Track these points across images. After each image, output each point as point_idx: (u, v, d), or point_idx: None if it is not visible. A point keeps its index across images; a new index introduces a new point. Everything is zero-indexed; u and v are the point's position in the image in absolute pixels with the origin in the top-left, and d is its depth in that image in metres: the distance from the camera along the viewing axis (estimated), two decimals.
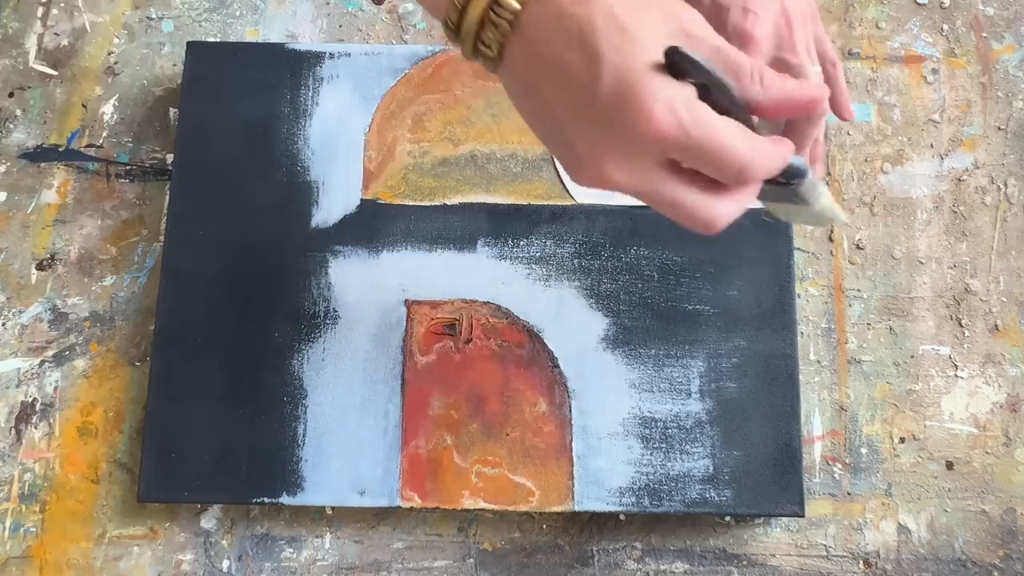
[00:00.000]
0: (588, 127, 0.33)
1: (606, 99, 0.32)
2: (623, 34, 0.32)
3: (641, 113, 0.31)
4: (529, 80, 0.34)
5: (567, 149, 0.34)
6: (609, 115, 0.32)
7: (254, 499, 0.49)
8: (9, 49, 0.59)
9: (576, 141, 0.33)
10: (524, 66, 0.34)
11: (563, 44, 0.32)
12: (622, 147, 0.32)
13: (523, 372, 0.51)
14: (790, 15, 0.49)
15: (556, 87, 0.33)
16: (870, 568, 0.50)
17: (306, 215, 0.53)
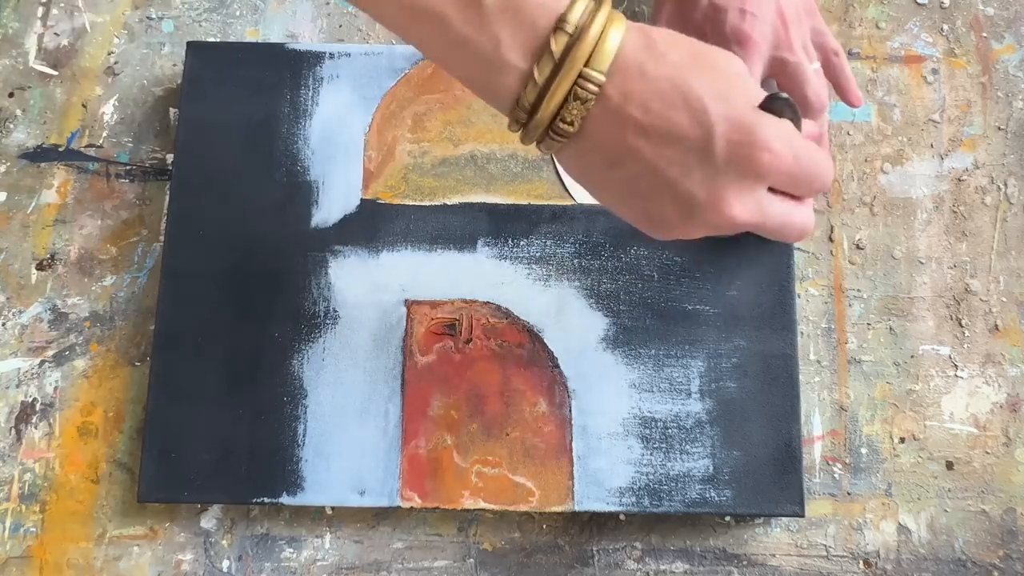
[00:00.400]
0: (707, 175, 0.34)
1: (726, 145, 0.34)
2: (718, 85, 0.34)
3: (764, 149, 0.34)
4: (618, 149, 0.35)
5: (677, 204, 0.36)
6: (731, 158, 0.34)
7: (254, 499, 0.49)
8: (9, 49, 0.59)
9: (694, 192, 0.35)
10: (612, 135, 0.35)
11: (663, 105, 0.34)
12: (743, 185, 0.35)
13: (523, 372, 0.51)
14: (785, 14, 0.49)
15: (662, 147, 0.34)
16: (870, 568, 0.50)
17: (306, 215, 0.53)
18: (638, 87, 0.34)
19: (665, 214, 0.36)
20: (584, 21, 0.33)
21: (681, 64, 0.34)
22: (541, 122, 0.35)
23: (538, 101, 0.34)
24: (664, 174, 0.35)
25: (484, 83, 0.36)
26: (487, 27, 0.34)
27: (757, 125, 0.34)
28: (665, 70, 0.34)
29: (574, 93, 0.34)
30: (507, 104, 0.35)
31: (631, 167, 0.35)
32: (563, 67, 0.33)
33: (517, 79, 0.34)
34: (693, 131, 0.34)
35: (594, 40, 0.33)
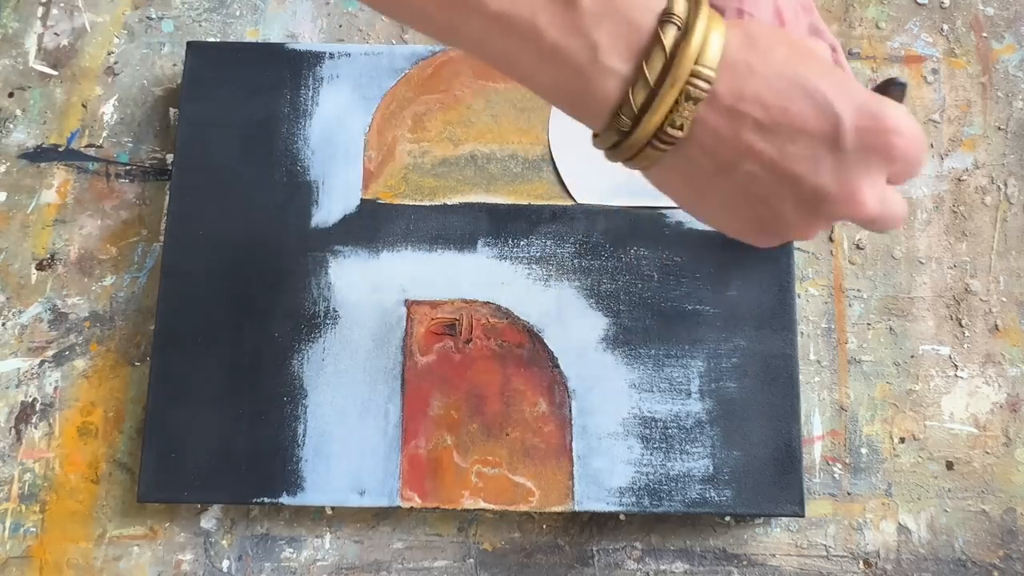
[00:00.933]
0: (838, 166, 0.33)
1: (856, 133, 0.33)
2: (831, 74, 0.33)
3: (896, 134, 0.33)
4: (733, 151, 0.33)
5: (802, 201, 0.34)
6: (862, 145, 0.33)
7: (254, 499, 0.49)
8: (9, 49, 0.59)
9: (824, 184, 0.33)
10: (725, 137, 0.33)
11: (782, 100, 0.32)
12: (873, 173, 0.34)
13: (523, 372, 0.51)
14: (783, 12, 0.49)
15: (785, 143, 0.33)
16: (870, 568, 0.50)
17: (306, 215, 0.53)
18: (751, 84, 0.32)
19: (785, 215, 0.34)
20: (688, 13, 0.32)
21: (788, 59, 0.33)
22: (648, 129, 0.32)
23: (646, 104, 0.32)
24: (788, 171, 0.33)
25: (578, 95, 0.33)
26: (583, 32, 0.32)
27: (883, 110, 0.33)
28: (776, 66, 0.32)
29: (686, 92, 0.32)
30: (605, 115, 0.33)
31: (747, 168, 0.33)
32: (675, 63, 0.31)
33: (618, 85, 0.32)
34: (819, 122, 0.32)
35: (703, 33, 0.32)
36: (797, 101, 0.32)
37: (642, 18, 0.32)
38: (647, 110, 0.32)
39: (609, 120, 0.33)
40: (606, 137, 0.34)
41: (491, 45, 0.33)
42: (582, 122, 0.34)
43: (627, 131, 0.33)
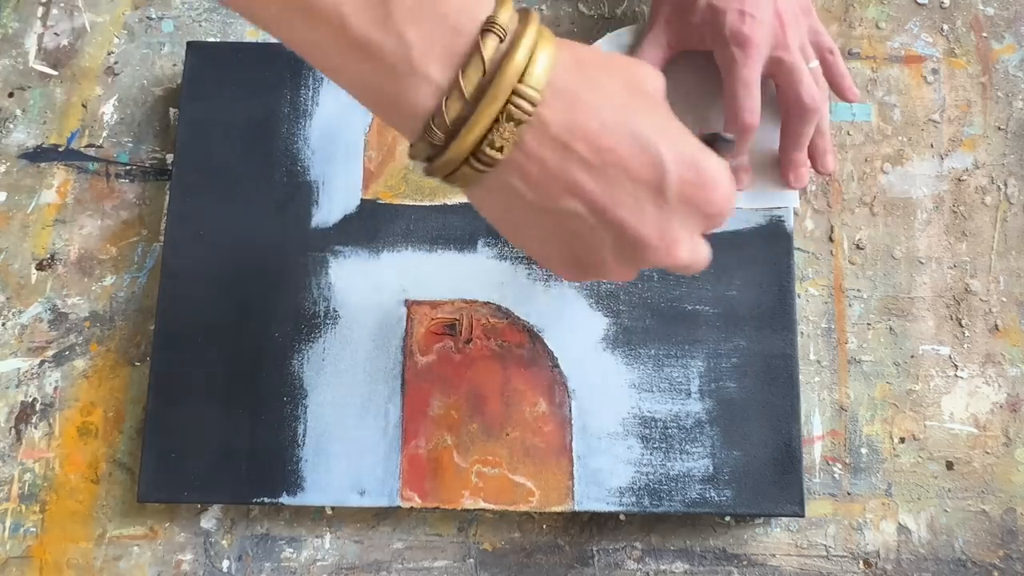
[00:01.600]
0: (660, 217, 0.32)
1: (679, 185, 0.32)
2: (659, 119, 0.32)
3: (715, 188, 0.32)
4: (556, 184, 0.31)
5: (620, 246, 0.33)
6: (683, 198, 0.32)
7: (254, 499, 0.49)
8: (9, 49, 0.59)
9: (645, 234, 0.32)
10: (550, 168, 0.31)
11: (612, 141, 0.31)
12: (691, 226, 0.33)
13: (523, 372, 0.51)
14: (783, 15, 0.49)
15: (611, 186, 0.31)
16: (870, 568, 0.50)
17: (306, 215, 0.53)
18: (581, 116, 0.30)
19: (603, 256, 0.33)
20: (514, 28, 0.29)
21: (618, 94, 0.31)
22: (463, 146, 0.30)
23: (462, 119, 0.29)
24: (613, 216, 0.32)
25: (388, 97, 0.30)
26: (395, 28, 0.28)
27: (706, 163, 0.32)
28: (607, 100, 0.31)
29: (507, 112, 0.29)
30: (417, 124, 0.30)
31: (571, 205, 0.31)
32: (496, 78, 0.29)
33: (432, 93, 0.29)
34: (645, 170, 0.31)
35: (528, 50, 0.29)
36: (625, 144, 0.31)
37: (463, 23, 0.29)
38: (463, 124, 0.29)
39: (422, 131, 0.30)
40: (419, 149, 0.31)
41: (293, 32, 0.30)
42: (396, 129, 0.32)
43: (442, 146, 0.30)
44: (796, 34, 0.50)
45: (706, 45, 0.51)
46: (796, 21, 0.50)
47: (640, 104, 0.32)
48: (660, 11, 0.52)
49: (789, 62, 0.49)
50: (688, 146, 0.32)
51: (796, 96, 0.49)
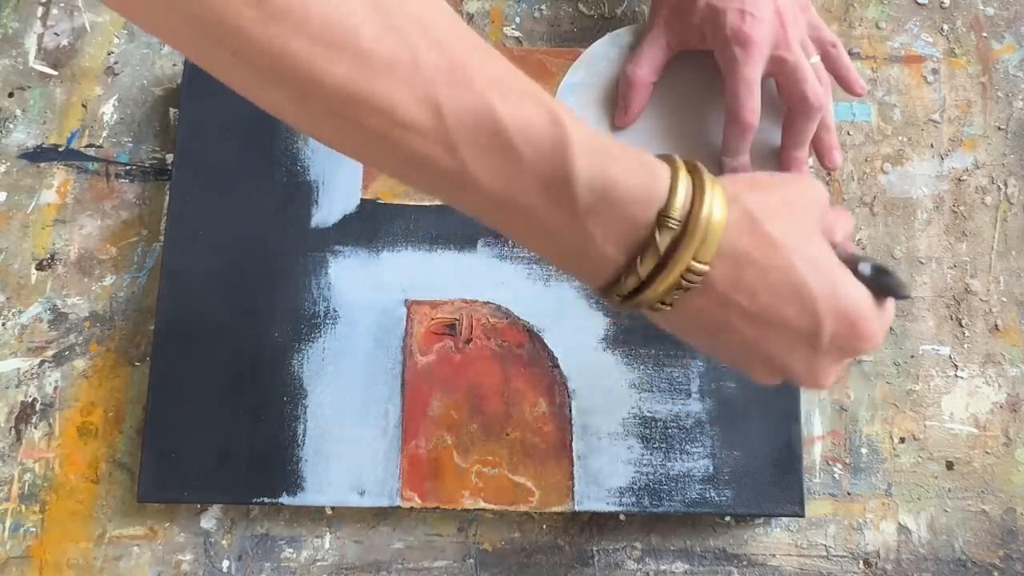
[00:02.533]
0: (808, 357, 0.35)
1: (832, 337, 0.35)
2: (827, 275, 0.34)
3: (866, 341, 0.35)
4: (718, 325, 0.35)
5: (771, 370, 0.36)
6: (834, 347, 0.35)
7: (254, 499, 0.49)
8: (9, 49, 0.59)
9: (793, 367, 0.36)
10: (713, 315, 0.34)
11: (773, 297, 0.34)
12: (838, 363, 0.36)
13: (523, 372, 0.51)
14: (783, 13, 0.49)
15: (767, 331, 0.34)
16: (870, 568, 0.50)
17: (306, 215, 0.53)
18: (746, 275, 0.33)
19: (755, 372, 0.37)
20: (687, 211, 0.32)
21: (784, 240, 0.34)
22: (640, 304, 0.34)
23: (638, 290, 0.33)
24: (765, 350, 0.35)
25: (574, 268, 0.35)
26: (579, 221, 0.32)
27: (861, 320, 0.35)
28: (772, 255, 0.33)
29: (678, 283, 0.33)
30: (595, 285, 0.35)
31: (727, 339, 0.35)
32: (669, 263, 0.32)
33: (613, 269, 0.33)
34: (801, 322, 0.34)
35: (700, 232, 0.32)
36: (786, 300, 0.34)
37: (639, 214, 0.32)
38: (638, 293, 0.33)
39: (603, 292, 0.35)
40: (604, 298, 0.35)
41: (488, 217, 0.34)
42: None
43: (619, 302, 0.34)
44: (797, 31, 0.50)
45: (706, 45, 0.51)
46: (796, 18, 0.50)
47: (807, 250, 0.34)
48: (659, 12, 0.52)
49: (791, 61, 0.49)
50: (848, 299, 0.35)
51: (800, 95, 0.49)
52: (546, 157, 0.31)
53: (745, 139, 0.50)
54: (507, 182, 0.32)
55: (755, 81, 0.49)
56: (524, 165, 0.31)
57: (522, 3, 0.60)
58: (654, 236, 0.32)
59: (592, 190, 0.32)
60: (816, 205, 0.36)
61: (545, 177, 0.32)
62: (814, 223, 0.36)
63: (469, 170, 0.32)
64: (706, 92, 0.54)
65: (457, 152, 0.31)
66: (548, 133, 0.31)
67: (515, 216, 0.33)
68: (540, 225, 0.33)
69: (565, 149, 0.31)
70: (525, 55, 0.56)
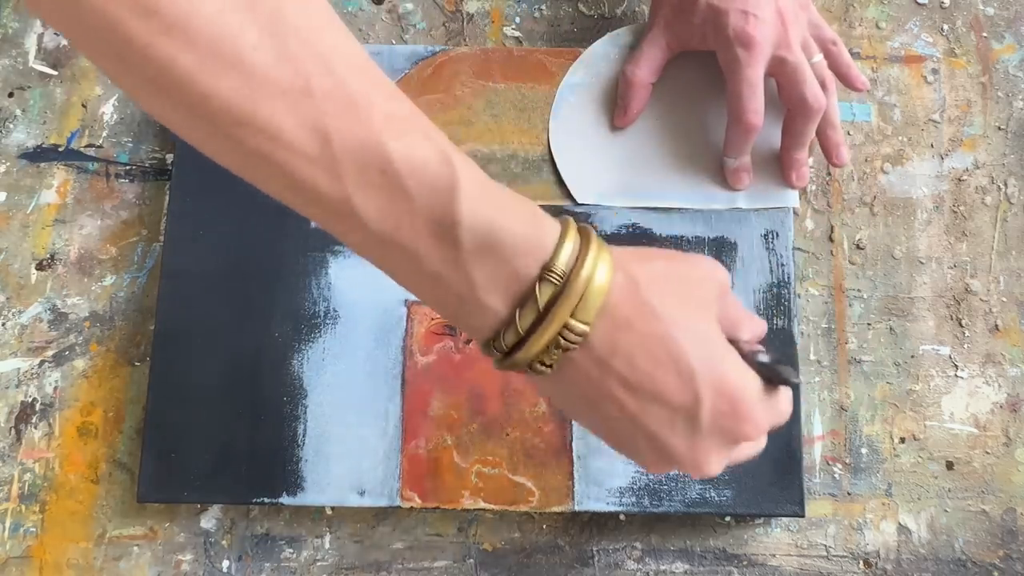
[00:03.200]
0: (690, 436, 0.34)
1: (712, 414, 0.34)
2: (705, 342, 0.34)
3: (748, 421, 0.34)
4: (599, 393, 0.34)
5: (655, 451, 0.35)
6: (715, 426, 0.34)
7: (254, 499, 0.49)
8: (9, 49, 0.59)
9: (675, 447, 0.35)
10: (593, 381, 0.34)
11: (652, 364, 0.33)
12: (723, 447, 0.35)
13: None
14: (784, 13, 0.49)
15: (646, 403, 0.34)
16: (870, 568, 0.50)
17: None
18: (624, 340, 0.33)
19: (640, 453, 0.36)
20: (570, 268, 0.32)
21: (668, 315, 0.33)
22: (518, 363, 0.33)
23: (517, 346, 0.33)
24: (644, 426, 0.34)
25: (457, 316, 0.34)
26: (463, 268, 0.32)
27: (742, 398, 0.34)
28: (654, 325, 0.33)
29: (556, 342, 0.32)
30: (479, 337, 0.34)
31: (608, 410, 0.34)
32: (547, 318, 0.32)
33: (494, 320, 0.33)
34: (680, 396, 0.34)
35: (581, 289, 0.32)
36: (664, 370, 0.33)
37: (523, 267, 0.32)
38: (518, 349, 0.33)
39: (484, 344, 0.34)
40: (485, 352, 0.34)
41: (373, 255, 0.34)
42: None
43: (500, 358, 0.34)
44: (797, 32, 0.50)
45: (707, 45, 0.51)
46: (796, 18, 0.50)
47: (691, 323, 0.34)
48: (659, 12, 0.52)
49: (792, 61, 0.49)
50: (729, 376, 0.34)
51: (799, 95, 0.49)
52: (434, 197, 0.31)
53: (748, 140, 0.50)
54: (394, 221, 0.31)
55: (758, 82, 0.49)
56: (411, 204, 0.31)
57: (522, 3, 0.60)
58: (535, 289, 0.32)
59: (477, 235, 0.31)
60: (711, 285, 0.36)
61: (432, 217, 0.31)
62: (705, 303, 0.35)
63: (354, 203, 0.31)
64: (706, 92, 0.54)
65: (342, 183, 0.30)
66: (438, 172, 0.31)
67: (400, 257, 0.32)
68: (424, 269, 0.32)
69: (454, 191, 0.31)
70: (525, 55, 0.56)
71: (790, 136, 0.51)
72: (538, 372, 0.34)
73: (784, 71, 0.49)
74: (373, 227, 0.31)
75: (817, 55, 0.51)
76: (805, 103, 0.49)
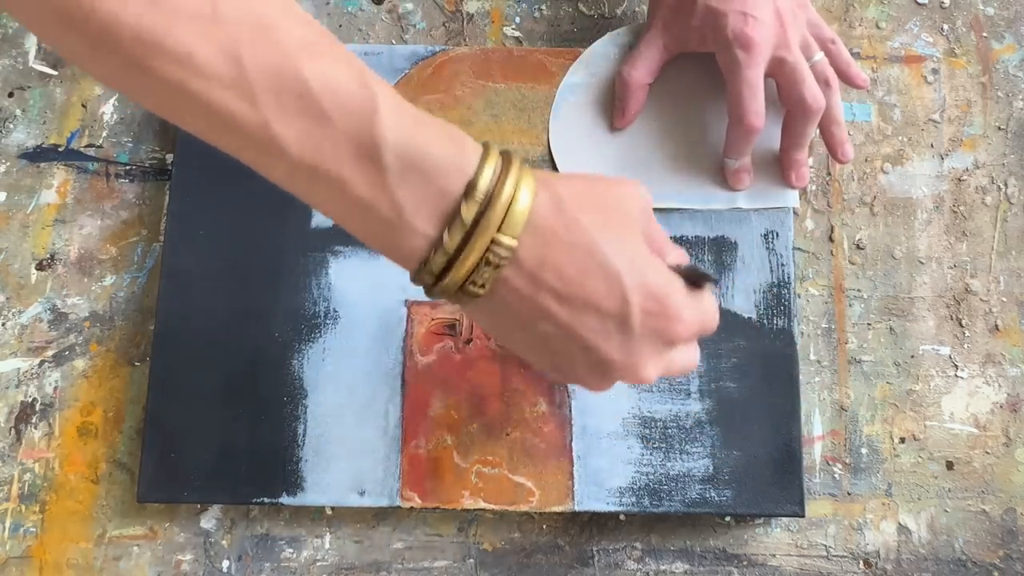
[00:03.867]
0: (624, 342, 0.35)
1: (642, 316, 0.35)
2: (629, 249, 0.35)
3: (677, 320, 0.35)
4: (531, 310, 0.35)
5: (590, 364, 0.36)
6: (646, 328, 0.35)
7: (254, 499, 0.49)
8: (9, 49, 0.59)
9: (611, 355, 0.35)
10: (525, 298, 0.34)
11: (580, 273, 0.34)
12: (656, 349, 0.36)
13: (523, 372, 0.51)
14: (783, 14, 0.49)
15: (578, 313, 0.34)
16: (870, 568, 0.50)
17: (306, 215, 0.53)
18: (552, 253, 0.34)
19: (576, 370, 0.37)
20: (493, 185, 0.32)
21: (592, 226, 0.34)
22: (450, 286, 0.34)
23: (447, 267, 0.33)
24: (580, 338, 0.35)
25: (385, 244, 0.34)
26: (388, 191, 0.32)
27: (669, 296, 0.35)
28: (579, 235, 0.34)
29: (486, 259, 0.33)
30: (411, 265, 0.34)
31: (544, 327, 0.35)
32: (474, 234, 0.32)
33: (423, 243, 0.33)
34: (610, 301, 0.34)
35: (505, 205, 0.32)
36: (592, 277, 0.34)
37: (448, 185, 0.32)
38: (448, 271, 0.33)
39: (415, 271, 0.34)
40: (416, 280, 0.35)
41: (299, 188, 0.33)
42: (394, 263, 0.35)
43: (432, 283, 0.34)
44: (796, 32, 0.50)
45: (706, 47, 0.51)
46: (795, 18, 0.50)
47: (615, 235, 0.35)
48: (657, 14, 0.52)
49: (791, 62, 0.49)
50: (655, 277, 0.35)
51: (799, 96, 0.49)
52: (354, 120, 0.31)
53: (749, 141, 0.50)
54: (315, 146, 0.31)
55: (758, 83, 0.49)
56: (332, 129, 0.31)
57: (522, 3, 0.60)
58: (460, 207, 0.32)
59: (400, 155, 0.31)
60: (634, 203, 0.36)
61: (353, 141, 0.31)
62: (628, 218, 0.36)
63: (274, 130, 0.30)
64: (705, 93, 0.54)
65: (260, 109, 0.30)
66: (357, 95, 0.31)
67: (325, 186, 0.32)
68: (349, 196, 0.32)
69: (374, 113, 0.31)
70: (525, 55, 0.56)
71: (790, 136, 0.51)
72: (470, 295, 0.34)
73: (783, 71, 0.49)
74: (295, 154, 0.31)
75: (818, 54, 0.51)
76: (804, 103, 0.49)
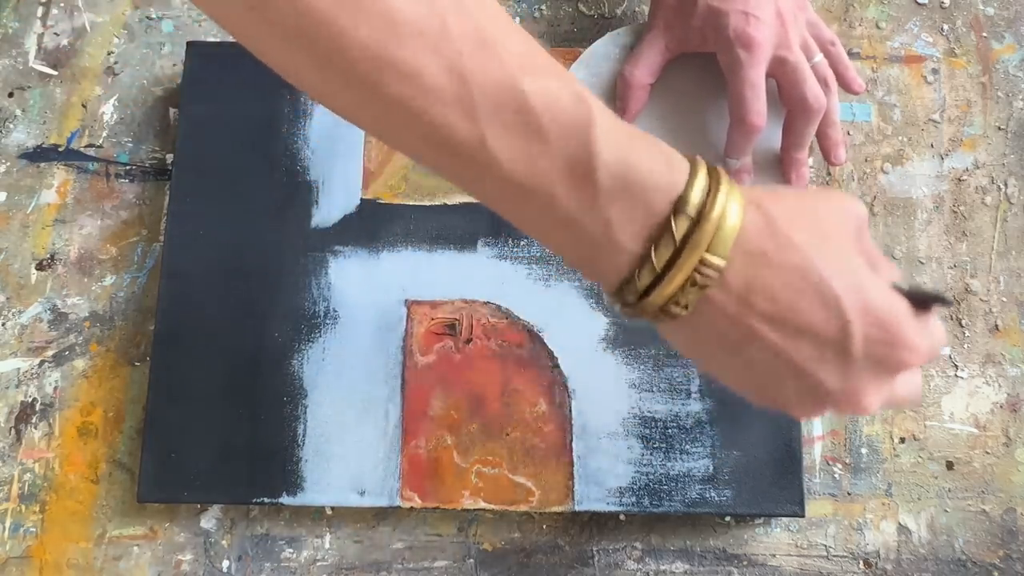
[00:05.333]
0: (843, 369, 0.33)
1: (864, 342, 0.32)
2: (849, 269, 0.32)
3: (906, 349, 0.32)
4: (739, 334, 0.33)
5: (804, 390, 0.34)
6: (870, 355, 0.32)
7: (254, 499, 0.49)
8: (9, 49, 0.59)
9: (827, 383, 0.33)
10: (732, 321, 0.32)
11: (794, 296, 0.32)
12: (880, 378, 0.33)
13: (523, 372, 0.51)
14: (784, 14, 0.49)
15: (792, 338, 0.32)
16: (870, 568, 0.50)
17: (306, 215, 0.53)
18: (763, 274, 0.32)
19: (788, 397, 0.34)
20: (703, 202, 0.31)
21: (806, 246, 0.32)
22: (653, 304, 0.32)
23: (653, 285, 0.32)
24: (793, 363, 0.33)
25: (586, 261, 0.33)
26: (598, 208, 0.31)
27: (895, 321, 0.32)
28: (792, 255, 0.32)
29: (692, 279, 0.31)
30: (611, 283, 0.33)
31: (751, 352, 0.33)
32: (683, 252, 0.31)
33: (627, 260, 0.32)
34: (828, 326, 0.32)
35: (716, 222, 0.31)
36: (807, 299, 0.32)
37: (657, 202, 0.31)
38: (652, 290, 0.32)
39: (616, 289, 0.33)
40: (615, 299, 0.34)
41: (504, 205, 0.33)
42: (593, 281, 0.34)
43: (633, 303, 0.33)
44: (797, 32, 0.50)
45: (707, 47, 0.51)
46: (795, 18, 0.50)
47: (831, 254, 0.32)
48: (658, 14, 0.52)
49: (792, 61, 0.49)
50: (878, 300, 0.32)
51: (800, 96, 0.49)
52: (571, 137, 0.30)
53: (750, 141, 0.50)
54: (529, 163, 0.31)
55: (760, 83, 0.49)
56: (548, 145, 0.30)
57: (522, 3, 0.60)
58: (670, 224, 0.31)
59: (614, 173, 0.31)
60: (848, 217, 0.34)
61: (568, 158, 0.31)
62: (845, 235, 0.33)
63: (489, 146, 0.30)
64: (706, 93, 0.54)
65: (478, 124, 0.30)
66: (574, 112, 0.31)
67: (532, 203, 0.32)
68: (557, 213, 0.32)
69: (590, 129, 0.31)
70: None
71: (790, 136, 0.51)
72: (672, 315, 0.32)
73: (784, 71, 0.49)
74: (507, 171, 0.31)
75: (818, 55, 0.51)
76: (805, 103, 0.49)
